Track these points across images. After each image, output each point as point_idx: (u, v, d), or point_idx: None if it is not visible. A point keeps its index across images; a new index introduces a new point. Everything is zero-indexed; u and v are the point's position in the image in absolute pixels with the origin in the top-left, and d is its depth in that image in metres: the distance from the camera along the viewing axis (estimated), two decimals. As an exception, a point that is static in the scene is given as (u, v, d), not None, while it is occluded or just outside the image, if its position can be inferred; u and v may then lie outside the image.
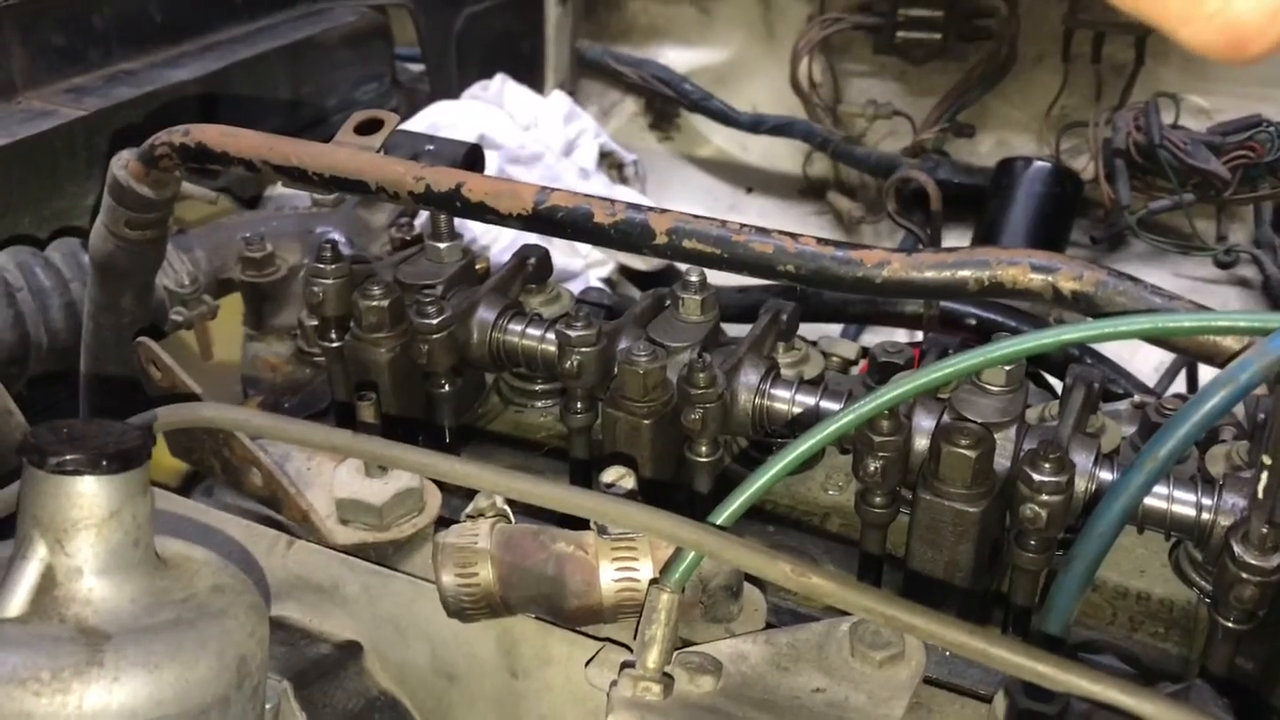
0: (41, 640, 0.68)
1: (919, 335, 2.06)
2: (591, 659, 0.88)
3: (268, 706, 0.91)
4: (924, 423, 1.02)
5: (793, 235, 0.92)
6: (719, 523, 0.79)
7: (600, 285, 2.39)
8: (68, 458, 0.69)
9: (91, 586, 0.71)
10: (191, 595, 0.74)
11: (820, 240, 0.91)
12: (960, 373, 0.85)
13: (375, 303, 1.18)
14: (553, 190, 1.03)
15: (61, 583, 0.70)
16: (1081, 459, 0.98)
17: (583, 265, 2.43)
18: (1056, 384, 1.60)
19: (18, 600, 0.69)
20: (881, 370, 1.19)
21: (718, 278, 1.18)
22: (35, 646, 0.67)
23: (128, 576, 0.72)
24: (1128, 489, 0.79)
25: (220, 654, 0.71)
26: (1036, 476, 0.91)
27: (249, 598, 0.76)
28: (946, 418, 1.01)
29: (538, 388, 1.37)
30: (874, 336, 2.31)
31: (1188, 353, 0.86)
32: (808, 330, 1.27)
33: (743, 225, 0.94)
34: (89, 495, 0.70)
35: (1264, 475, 0.82)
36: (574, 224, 1.02)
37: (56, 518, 0.70)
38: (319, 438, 0.86)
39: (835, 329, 2.20)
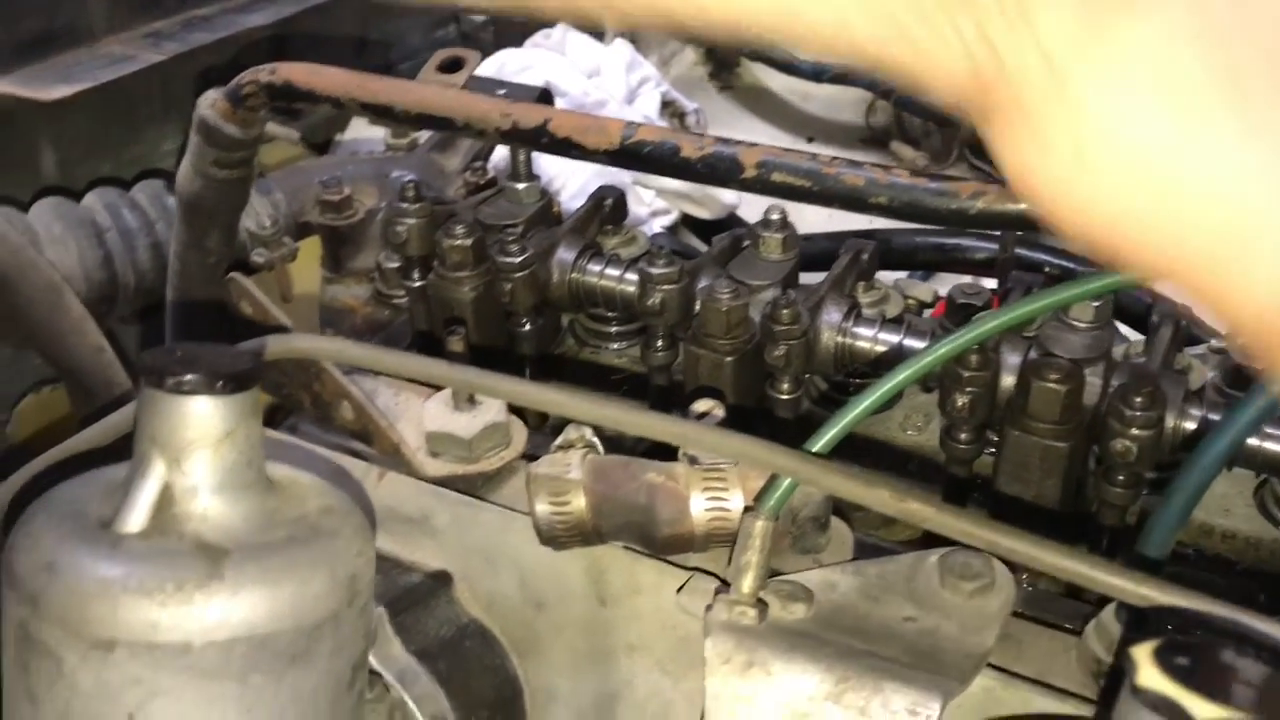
0: (163, 554, 0.70)
1: (987, 283, 2.04)
2: (683, 586, 0.90)
3: (365, 630, 0.94)
4: (1011, 359, 1.02)
5: (884, 167, 0.92)
6: (815, 450, 0.79)
7: (663, 233, 2.39)
8: (185, 378, 0.71)
9: (208, 504, 0.72)
10: (302, 516, 0.76)
11: (913, 171, 0.91)
12: (1053, 304, 0.85)
13: (459, 242, 1.19)
14: (639, 125, 1.04)
15: (179, 500, 0.72)
16: (1171, 395, 0.98)
17: (647, 213, 2.43)
18: (1129, 333, 1.58)
19: (139, 516, 0.71)
20: (960, 311, 1.18)
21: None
22: (158, 560, 0.69)
23: (242, 496, 0.74)
24: (1236, 423, 0.79)
25: (332, 572, 0.73)
26: (1128, 411, 0.91)
27: (356, 519, 0.78)
28: (1033, 354, 1.01)
29: (613, 329, 1.38)
30: (941, 285, 2.29)
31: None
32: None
33: (834, 158, 0.94)
34: (205, 415, 0.72)
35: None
36: (661, 158, 1.02)
37: (173, 437, 0.72)
38: (416, 367, 0.88)
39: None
